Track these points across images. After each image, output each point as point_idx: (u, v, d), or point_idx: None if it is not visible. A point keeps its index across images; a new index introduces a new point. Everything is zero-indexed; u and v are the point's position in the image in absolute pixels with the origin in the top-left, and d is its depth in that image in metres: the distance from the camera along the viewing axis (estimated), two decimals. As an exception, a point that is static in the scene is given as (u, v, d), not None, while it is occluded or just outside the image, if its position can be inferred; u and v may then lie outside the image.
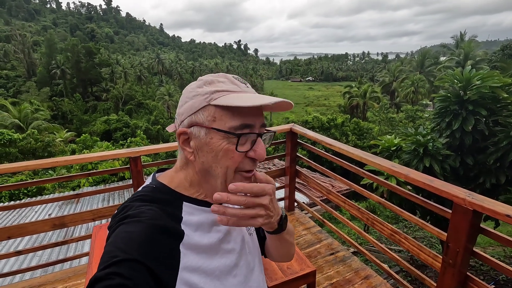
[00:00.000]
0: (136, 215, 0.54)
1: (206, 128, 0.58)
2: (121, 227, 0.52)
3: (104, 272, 0.44)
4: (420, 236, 8.89)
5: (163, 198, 0.60)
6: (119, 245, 0.48)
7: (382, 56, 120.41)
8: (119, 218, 0.55)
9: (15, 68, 53.35)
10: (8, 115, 21.92)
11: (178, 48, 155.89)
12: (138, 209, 0.55)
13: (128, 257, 0.46)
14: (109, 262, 0.45)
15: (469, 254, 1.57)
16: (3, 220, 6.79)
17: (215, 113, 0.57)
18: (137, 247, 0.48)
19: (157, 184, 0.64)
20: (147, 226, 0.52)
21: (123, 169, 2.51)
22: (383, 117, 26.24)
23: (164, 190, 0.62)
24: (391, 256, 2.23)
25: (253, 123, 0.58)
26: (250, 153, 0.59)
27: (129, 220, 0.53)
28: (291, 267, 1.84)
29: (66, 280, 2.38)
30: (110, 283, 0.43)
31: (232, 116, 0.57)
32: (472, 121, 4.75)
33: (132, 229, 0.51)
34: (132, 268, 0.45)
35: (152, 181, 0.65)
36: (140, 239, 0.49)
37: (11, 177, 12.15)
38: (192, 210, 0.61)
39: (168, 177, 0.65)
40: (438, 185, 1.65)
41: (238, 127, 0.57)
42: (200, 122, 0.58)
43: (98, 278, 0.44)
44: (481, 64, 27.48)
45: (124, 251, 0.47)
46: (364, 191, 2.43)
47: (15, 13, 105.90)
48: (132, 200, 0.59)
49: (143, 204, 0.57)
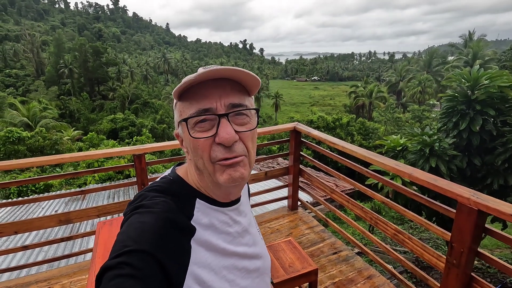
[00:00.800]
0: (150, 206, 0.54)
1: (178, 124, 0.59)
2: (134, 216, 0.52)
3: (115, 261, 0.44)
4: (426, 238, 8.79)
5: (178, 192, 0.60)
6: (131, 235, 0.48)
7: (389, 55, 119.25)
8: (134, 206, 0.56)
9: (24, 67, 54.23)
10: (17, 114, 22.29)
11: (184, 48, 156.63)
12: (152, 200, 0.55)
13: (139, 248, 0.46)
14: (120, 251, 0.46)
15: (473, 255, 1.55)
16: (12, 215, 6.92)
17: (180, 106, 0.58)
18: (149, 239, 0.48)
19: (175, 176, 0.64)
20: (160, 218, 0.51)
21: (127, 166, 2.53)
22: (389, 117, 26.02)
23: (180, 184, 0.62)
24: (395, 257, 2.22)
25: (212, 105, 0.54)
26: (216, 138, 0.54)
27: (143, 210, 0.53)
28: (293, 265, 1.83)
29: (71, 275, 2.41)
30: (120, 272, 0.43)
31: (190, 104, 0.55)
32: (479, 121, 4.68)
33: (145, 220, 0.51)
34: (142, 260, 0.45)
35: (171, 173, 0.66)
36: (152, 231, 0.49)
37: (19, 174, 12.37)
38: (204, 208, 0.61)
39: (184, 171, 0.66)
40: (442, 184, 1.63)
41: (195, 113, 0.54)
42: (177, 120, 0.60)
43: (109, 267, 0.44)
44: (490, 64, 27.04)
45: (136, 241, 0.47)
46: (368, 191, 2.41)
47: (25, 13, 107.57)
48: (148, 190, 0.59)
49: (157, 195, 0.57)
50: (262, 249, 0.72)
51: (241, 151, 0.56)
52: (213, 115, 0.54)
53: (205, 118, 0.54)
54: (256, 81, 0.57)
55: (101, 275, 0.44)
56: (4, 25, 79.00)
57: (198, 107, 0.54)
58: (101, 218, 3.92)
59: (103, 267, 0.45)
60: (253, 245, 0.68)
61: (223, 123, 0.54)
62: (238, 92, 0.57)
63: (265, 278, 0.70)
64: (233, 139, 0.54)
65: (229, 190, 0.62)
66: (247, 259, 0.65)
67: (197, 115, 0.54)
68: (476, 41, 32.47)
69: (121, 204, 2.50)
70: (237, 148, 0.55)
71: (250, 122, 0.58)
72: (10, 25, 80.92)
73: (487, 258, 1.52)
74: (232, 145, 0.54)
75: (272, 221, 3.25)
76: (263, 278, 0.69)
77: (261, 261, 0.69)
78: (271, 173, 3.23)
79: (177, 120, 0.60)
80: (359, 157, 2.24)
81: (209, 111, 0.54)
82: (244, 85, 0.58)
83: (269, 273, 0.74)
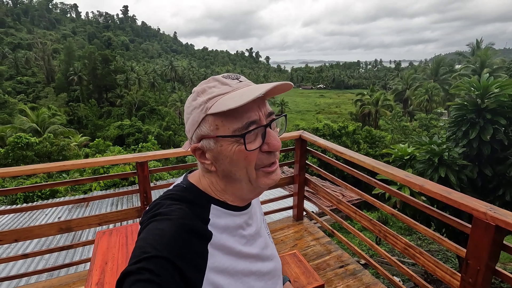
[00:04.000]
0: (167, 213, 0.55)
1: (213, 138, 0.58)
2: (152, 224, 0.54)
3: (135, 267, 0.46)
4: (435, 249, 8.54)
5: (193, 199, 0.61)
6: (150, 242, 0.49)
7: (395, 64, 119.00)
8: (151, 214, 0.57)
9: (35, 75, 55.52)
10: (27, 120, 22.70)
11: (191, 56, 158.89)
12: (169, 208, 0.56)
13: (158, 254, 0.47)
14: (140, 258, 0.47)
15: (491, 273, 1.46)
16: (15, 221, 6.93)
17: (215, 121, 0.57)
18: (167, 245, 0.49)
19: (188, 184, 0.65)
20: (177, 225, 0.53)
21: (130, 174, 2.50)
22: (395, 126, 25.74)
23: (194, 191, 0.63)
24: (404, 272, 2.12)
25: (257, 117, 0.57)
26: (264, 147, 0.58)
27: (160, 218, 0.54)
28: (298, 280, 1.75)
29: (70, 285, 2.36)
30: (140, 278, 0.44)
31: (233, 118, 0.56)
32: (490, 130, 4.56)
33: (163, 227, 0.52)
34: (161, 266, 0.46)
35: (183, 181, 0.67)
36: (170, 237, 0.50)
37: (26, 180, 12.49)
38: (220, 213, 0.62)
39: (196, 178, 0.67)
40: (457, 197, 1.55)
41: (242, 127, 0.56)
42: (206, 134, 0.58)
43: (129, 272, 0.45)
44: (498, 72, 26.76)
45: (155, 247, 0.48)
46: (375, 202, 2.33)
47: (37, 22, 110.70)
48: (163, 198, 0.61)
49: (173, 202, 0.58)
50: (273, 251, 0.74)
51: (278, 155, 0.61)
52: (261, 127, 0.57)
53: (251, 130, 0.56)
54: (289, 87, 0.59)
55: (121, 280, 0.46)
56: (17, 33, 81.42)
57: (244, 120, 0.55)
58: (103, 227, 3.88)
59: (124, 272, 0.46)
60: (265, 248, 0.70)
61: (269, 132, 0.58)
62: (265, 99, 0.60)
63: (278, 281, 0.71)
64: (280, 145, 0.60)
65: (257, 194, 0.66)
66: (261, 262, 0.66)
67: (247, 128, 0.56)
68: (484, 50, 32.20)
69: (122, 212, 2.46)
70: (276, 153, 0.60)
71: (278, 127, 0.64)
72: (23, 34, 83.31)
73: (506, 277, 1.43)
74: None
75: (277, 231, 3.16)
76: (276, 280, 0.70)
77: (273, 263, 0.70)
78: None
79: (209, 133, 0.57)
80: (367, 167, 2.17)
81: (256, 122, 0.57)
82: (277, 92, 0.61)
83: (281, 275, 0.75)
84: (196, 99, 0.59)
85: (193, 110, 0.59)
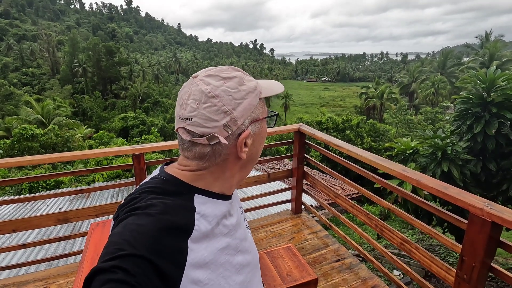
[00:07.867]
0: (146, 208, 0.52)
1: (261, 120, 0.63)
2: (130, 218, 0.50)
3: (108, 264, 0.42)
4: (437, 244, 8.50)
5: (174, 190, 0.58)
6: (127, 238, 0.46)
7: (402, 56, 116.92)
8: (128, 209, 0.53)
9: (40, 66, 55.79)
10: (32, 111, 22.89)
11: (195, 48, 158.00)
12: (148, 202, 0.53)
13: (135, 253, 0.44)
14: (114, 255, 0.43)
15: (486, 270, 1.43)
16: (17, 212, 7.05)
17: (261, 103, 0.64)
18: (146, 243, 0.46)
19: (167, 176, 0.61)
20: (157, 220, 0.50)
21: (125, 166, 2.49)
22: (400, 119, 25.47)
23: (175, 182, 0.60)
24: (401, 267, 2.10)
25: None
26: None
27: (139, 212, 0.51)
28: (291, 274, 1.74)
29: (68, 275, 2.39)
30: (112, 277, 0.41)
31: (264, 105, 0.66)
32: (495, 125, 4.46)
33: (142, 222, 0.49)
34: (138, 265, 0.43)
35: (161, 173, 0.63)
36: (149, 234, 0.47)
37: (32, 170, 12.67)
38: (204, 201, 0.59)
39: (175, 169, 0.63)
40: (453, 192, 1.51)
41: (269, 113, 0.66)
42: (257, 116, 0.62)
43: (101, 269, 0.42)
44: (508, 65, 26.18)
45: (132, 245, 0.45)
46: (373, 196, 2.30)
47: (42, 14, 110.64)
48: (141, 192, 0.57)
49: (154, 196, 0.55)
50: (252, 243, 0.73)
51: None
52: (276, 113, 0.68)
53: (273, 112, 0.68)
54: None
55: (91, 278, 0.42)
56: (22, 25, 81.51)
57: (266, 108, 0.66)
58: (102, 218, 3.92)
59: (94, 269, 0.42)
60: (244, 240, 0.68)
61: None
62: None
63: (256, 273, 0.71)
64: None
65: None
66: (240, 254, 0.64)
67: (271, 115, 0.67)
68: (493, 42, 31.45)
69: (119, 204, 2.47)
70: None
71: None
72: (28, 25, 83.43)
73: (502, 274, 1.40)
74: None
75: (275, 224, 3.16)
76: (255, 273, 0.69)
77: (251, 256, 0.69)
78: (274, 175, 3.14)
79: (260, 116, 0.63)
80: (364, 160, 2.14)
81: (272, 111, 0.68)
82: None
83: (259, 268, 0.74)
84: (243, 84, 0.60)
85: (248, 94, 0.59)
